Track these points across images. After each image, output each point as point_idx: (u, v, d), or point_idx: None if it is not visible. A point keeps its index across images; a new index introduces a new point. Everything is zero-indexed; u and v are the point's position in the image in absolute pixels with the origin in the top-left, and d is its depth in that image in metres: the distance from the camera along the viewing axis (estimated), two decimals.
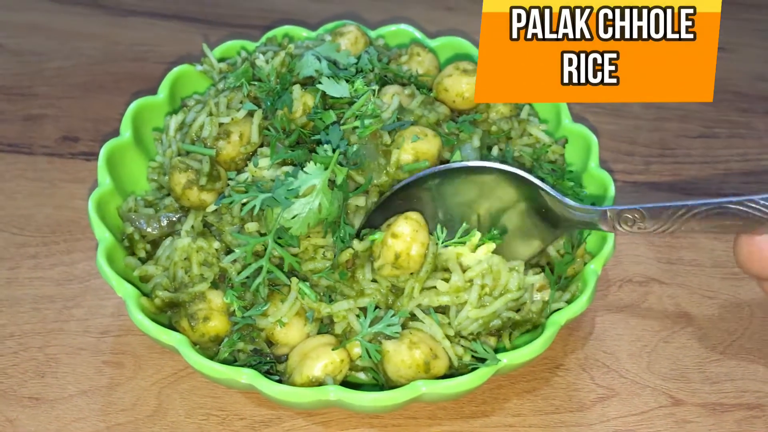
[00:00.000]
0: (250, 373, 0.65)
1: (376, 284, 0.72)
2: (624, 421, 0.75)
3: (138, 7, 1.21)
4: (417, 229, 0.70)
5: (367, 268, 0.72)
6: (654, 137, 1.03)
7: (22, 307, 0.82)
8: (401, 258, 0.69)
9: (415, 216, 0.71)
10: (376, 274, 0.72)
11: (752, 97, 1.09)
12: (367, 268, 0.72)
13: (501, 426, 0.74)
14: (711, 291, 0.86)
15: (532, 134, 0.85)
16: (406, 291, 0.71)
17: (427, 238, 0.70)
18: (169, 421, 0.74)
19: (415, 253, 0.69)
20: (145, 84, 1.03)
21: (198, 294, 0.71)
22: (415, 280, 0.71)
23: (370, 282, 0.72)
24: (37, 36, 1.15)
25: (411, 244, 0.69)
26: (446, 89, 0.84)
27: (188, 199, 0.77)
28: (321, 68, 0.80)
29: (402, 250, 0.69)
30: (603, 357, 0.80)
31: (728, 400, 0.77)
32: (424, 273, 0.71)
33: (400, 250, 0.69)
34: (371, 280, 0.72)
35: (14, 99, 1.05)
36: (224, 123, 0.79)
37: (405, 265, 0.70)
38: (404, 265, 0.70)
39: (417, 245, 0.69)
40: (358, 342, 0.69)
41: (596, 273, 0.73)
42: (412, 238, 0.69)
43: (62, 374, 0.77)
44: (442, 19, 1.20)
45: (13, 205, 0.92)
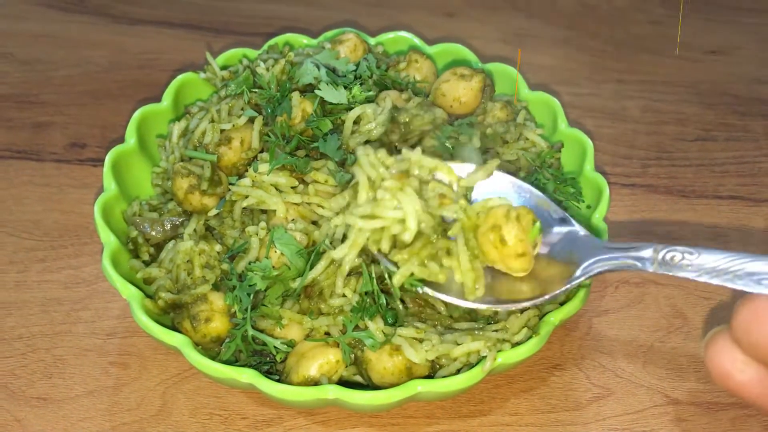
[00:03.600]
0: (250, 373, 0.67)
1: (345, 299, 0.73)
2: (620, 420, 0.76)
3: (145, 16, 1.23)
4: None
5: (339, 281, 0.72)
6: (651, 141, 1.04)
7: (31, 309, 0.84)
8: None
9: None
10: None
11: (749, 101, 1.09)
12: (339, 281, 0.72)
13: (498, 425, 0.76)
14: (707, 292, 0.87)
15: (529, 138, 0.86)
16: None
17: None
18: (174, 420, 0.75)
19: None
20: (151, 91, 1.04)
21: (200, 296, 0.73)
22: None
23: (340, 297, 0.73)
24: (46, 45, 1.17)
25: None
26: (444, 94, 0.86)
27: (190, 204, 0.79)
28: (320, 75, 0.82)
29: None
30: (599, 357, 0.81)
31: (723, 399, 0.78)
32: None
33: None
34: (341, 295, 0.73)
35: (23, 107, 1.07)
36: (226, 129, 0.81)
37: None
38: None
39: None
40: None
41: None
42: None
43: (69, 375, 0.79)
44: (443, 25, 1.22)
45: (22, 210, 0.94)
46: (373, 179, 0.68)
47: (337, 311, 0.72)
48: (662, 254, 0.60)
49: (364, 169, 0.69)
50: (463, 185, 0.71)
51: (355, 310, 0.70)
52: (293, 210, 0.76)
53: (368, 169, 0.68)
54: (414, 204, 0.66)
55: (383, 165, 0.69)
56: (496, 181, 0.73)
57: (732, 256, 0.56)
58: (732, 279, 0.55)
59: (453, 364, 0.70)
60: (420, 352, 0.69)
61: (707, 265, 0.56)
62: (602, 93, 1.11)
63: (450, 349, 0.69)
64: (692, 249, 0.58)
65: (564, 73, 1.14)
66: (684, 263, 0.58)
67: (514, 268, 0.68)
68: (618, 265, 0.64)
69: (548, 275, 0.69)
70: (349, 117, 0.79)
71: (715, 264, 0.56)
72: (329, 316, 0.72)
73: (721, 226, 0.93)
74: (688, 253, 0.58)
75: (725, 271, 0.55)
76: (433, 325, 0.72)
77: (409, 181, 0.68)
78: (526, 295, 0.68)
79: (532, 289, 0.69)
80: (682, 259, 0.58)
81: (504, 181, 0.73)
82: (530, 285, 0.69)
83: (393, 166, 0.69)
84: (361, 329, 0.71)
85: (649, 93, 1.11)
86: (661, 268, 0.60)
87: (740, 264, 0.55)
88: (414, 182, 0.68)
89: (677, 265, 0.58)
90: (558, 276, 0.68)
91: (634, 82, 1.13)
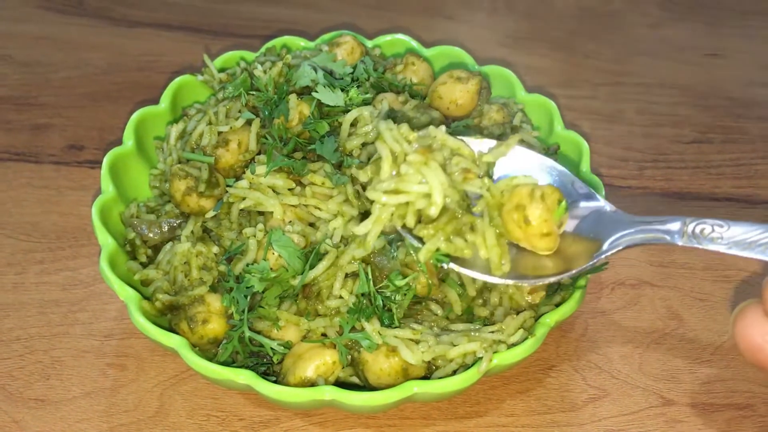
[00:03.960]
0: (247, 374, 0.67)
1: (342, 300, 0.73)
2: (615, 421, 0.76)
3: (144, 19, 1.23)
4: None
5: (338, 282, 0.73)
6: (648, 143, 1.05)
7: (29, 311, 0.84)
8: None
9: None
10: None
11: (745, 103, 1.10)
12: (338, 282, 0.73)
13: (494, 426, 0.76)
14: (702, 293, 0.87)
15: (525, 141, 0.86)
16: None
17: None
18: (171, 421, 0.76)
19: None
20: (149, 93, 1.05)
21: (197, 297, 0.73)
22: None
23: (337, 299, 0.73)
24: (45, 47, 1.17)
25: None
26: (440, 96, 0.86)
27: (188, 206, 0.80)
28: (317, 78, 0.83)
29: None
30: (595, 358, 0.81)
31: (718, 400, 0.78)
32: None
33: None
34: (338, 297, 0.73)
35: (22, 109, 1.07)
36: (223, 131, 0.82)
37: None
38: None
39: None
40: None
41: (586, 277, 0.75)
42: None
43: (67, 376, 0.79)
44: (440, 28, 1.22)
45: (20, 212, 0.94)
46: (397, 154, 0.67)
47: (333, 313, 0.73)
48: (692, 227, 0.58)
49: (387, 143, 0.68)
50: (485, 161, 0.70)
51: (352, 311, 0.71)
52: (290, 212, 0.77)
53: (392, 143, 0.67)
54: (440, 178, 0.66)
55: (406, 140, 0.68)
56: (520, 157, 0.71)
57: (762, 228, 0.54)
58: (764, 251, 0.54)
59: (449, 366, 0.70)
60: (416, 354, 0.69)
61: (737, 237, 0.55)
62: (599, 95, 1.11)
63: (446, 351, 0.70)
64: (722, 221, 0.57)
65: (561, 75, 1.14)
66: (714, 236, 0.57)
67: (539, 247, 0.68)
68: (646, 239, 0.63)
69: (574, 251, 0.68)
70: (346, 119, 0.80)
71: (745, 236, 0.55)
72: (326, 318, 0.73)
73: None
74: (717, 226, 0.57)
75: (756, 243, 0.54)
76: (429, 326, 0.72)
77: (433, 155, 0.67)
78: (552, 271, 0.67)
79: (557, 265, 0.68)
80: (712, 232, 0.57)
81: (528, 157, 0.72)
82: (556, 261, 0.68)
83: (416, 141, 0.68)
84: (357, 330, 0.71)
85: (646, 95, 1.11)
86: (690, 241, 0.58)
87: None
88: (438, 156, 0.67)
89: (707, 238, 0.57)
90: (584, 252, 0.67)
91: (631, 85, 1.13)
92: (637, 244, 0.63)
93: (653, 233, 0.62)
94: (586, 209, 0.69)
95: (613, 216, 0.68)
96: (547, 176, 0.72)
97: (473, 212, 0.68)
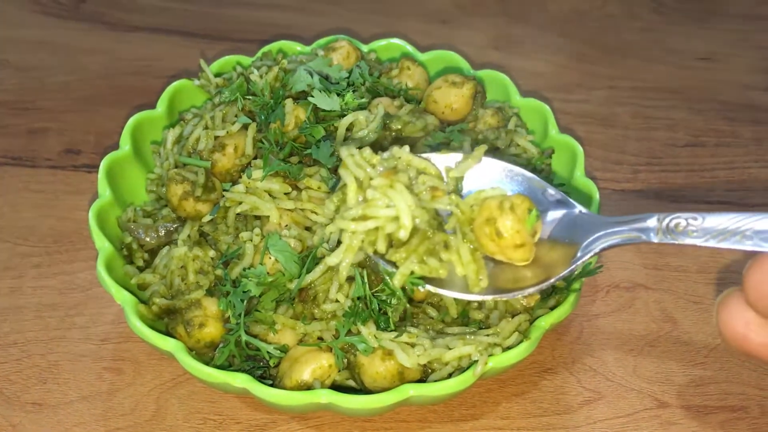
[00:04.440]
0: (243, 377, 0.68)
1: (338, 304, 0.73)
2: (610, 423, 0.77)
3: (141, 23, 1.23)
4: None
5: (334, 286, 0.73)
6: (642, 146, 1.05)
7: (26, 315, 0.85)
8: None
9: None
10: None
11: (738, 106, 1.11)
12: (334, 286, 0.73)
13: (490, 429, 0.76)
14: (696, 296, 0.88)
15: (519, 144, 0.87)
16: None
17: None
18: (167, 425, 0.76)
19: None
20: (146, 98, 1.05)
21: (194, 301, 0.74)
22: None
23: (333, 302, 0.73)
24: (42, 52, 1.18)
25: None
26: (435, 101, 0.87)
27: (184, 210, 0.80)
28: (313, 83, 0.83)
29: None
30: (590, 361, 0.82)
31: (712, 403, 0.79)
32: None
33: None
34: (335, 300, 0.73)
35: (19, 113, 1.08)
36: (219, 136, 0.82)
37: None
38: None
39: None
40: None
41: (581, 280, 0.75)
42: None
43: (64, 380, 0.79)
44: (436, 32, 1.23)
45: (17, 217, 0.94)
46: (361, 179, 0.67)
47: (330, 316, 0.73)
48: (666, 222, 0.58)
49: (350, 169, 0.67)
50: (453, 176, 0.70)
51: (348, 315, 0.71)
52: (286, 216, 0.77)
53: (355, 170, 0.67)
54: (406, 200, 0.65)
55: (369, 164, 0.68)
56: (487, 169, 0.71)
57: (737, 217, 0.54)
58: (740, 240, 0.53)
59: (445, 369, 0.71)
60: (412, 357, 0.70)
61: (713, 228, 0.55)
62: (593, 99, 1.12)
63: (442, 354, 0.70)
64: (696, 214, 0.56)
65: (556, 79, 1.15)
66: (689, 229, 0.56)
67: (515, 259, 0.67)
68: (622, 240, 0.62)
69: (551, 259, 0.67)
70: (342, 124, 0.80)
71: (721, 227, 0.54)
72: (322, 321, 0.73)
73: None
74: (692, 219, 0.56)
75: (733, 233, 0.54)
76: (425, 329, 0.73)
77: (398, 177, 0.66)
78: (531, 281, 0.67)
79: (536, 274, 0.67)
80: (687, 226, 0.56)
81: (495, 167, 0.71)
82: (534, 271, 0.67)
83: (379, 164, 0.68)
84: (353, 334, 0.71)
85: (640, 99, 1.12)
86: (666, 237, 0.58)
87: (747, 224, 0.53)
88: (404, 177, 0.67)
89: (682, 233, 0.57)
90: (561, 258, 0.66)
91: (625, 89, 1.14)
92: (612, 245, 0.63)
93: (628, 233, 0.62)
94: (559, 215, 0.69)
95: (587, 219, 0.67)
96: (516, 185, 0.71)
97: (446, 230, 0.68)
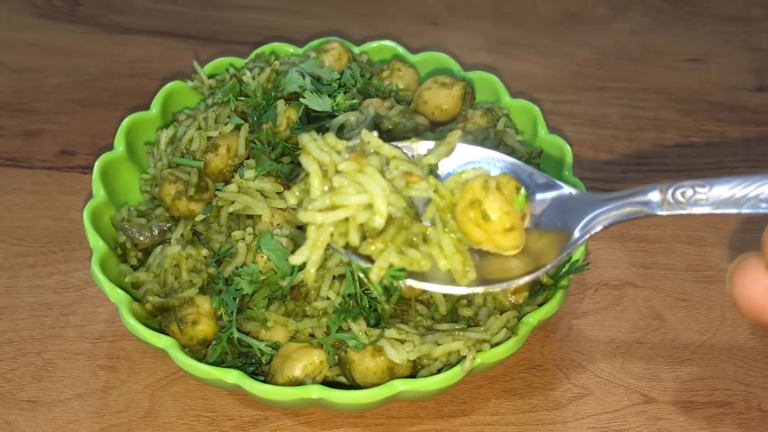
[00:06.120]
0: (235, 374, 0.69)
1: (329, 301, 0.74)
2: (598, 419, 0.78)
3: (135, 25, 1.24)
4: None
5: (325, 284, 0.74)
6: (631, 147, 1.07)
7: (21, 314, 0.85)
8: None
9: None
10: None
11: (727, 107, 1.12)
12: (325, 284, 0.74)
13: (480, 424, 0.77)
14: (684, 294, 0.89)
15: (508, 145, 0.88)
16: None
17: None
18: (161, 422, 0.77)
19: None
20: (141, 99, 1.06)
21: (187, 299, 0.75)
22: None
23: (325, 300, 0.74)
24: (38, 54, 1.18)
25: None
26: (425, 102, 0.88)
27: (178, 209, 0.81)
28: (305, 84, 0.84)
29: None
30: (579, 357, 0.83)
31: (698, 398, 0.80)
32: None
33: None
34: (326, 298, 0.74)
35: (14, 115, 1.08)
36: (212, 137, 0.83)
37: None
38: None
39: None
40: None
41: (568, 277, 0.77)
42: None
43: (59, 378, 0.80)
44: (428, 34, 1.24)
45: (12, 217, 0.95)
46: (326, 165, 0.59)
47: (321, 313, 0.74)
48: (670, 193, 0.53)
49: (313, 155, 0.59)
50: (426, 163, 0.63)
51: (338, 311, 0.72)
52: (278, 215, 0.78)
53: (319, 155, 0.59)
54: (379, 182, 0.58)
55: (335, 150, 0.60)
56: (464, 155, 0.64)
57: (747, 180, 0.50)
58: (755, 204, 0.49)
59: (434, 364, 0.72)
60: (401, 353, 0.70)
61: (723, 195, 0.51)
62: (583, 100, 1.13)
63: (431, 350, 0.71)
64: (702, 181, 0.52)
65: (546, 80, 1.16)
66: (698, 198, 0.52)
67: (505, 246, 0.60)
68: (623, 215, 0.56)
69: (543, 246, 0.61)
70: (333, 125, 0.81)
71: (731, 192, 0.50)
72: (313, 318, 0.74)
73: (698, 229, 0.95)
74: (699, 187, 0.52)
75: (745, 198, 0.50)
76: (414, 326, 0.74)
77: (368, 160, 0.59)
78: (522, 272, 0.60)
79: (527, 264, 0.61)
80: (694, 194, 0.52)
81: (473, 153, 0.65)
82: (524, 261, 0.61)
83: (346, 151, 0.60)
84: (344, 331, 0.72)
85: (629, 100, 1.13)
86: (673, 209, 0.53)
87: (759, 187, 0.50)
88: (374, 160, 0.59)
89: (690, 202, 0.52)
90: (554, 245, 0.60)
91: (615, 90, 1.15)
92: (613, 222, 0.57)
93: (630, 206, 0.56)
94: (548, 199, 0.63)
95: (581, 198, 0.61)
96: (497, 169, 0.64)
97: (423, 221, 0.61)
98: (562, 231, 0.60)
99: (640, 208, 0.55)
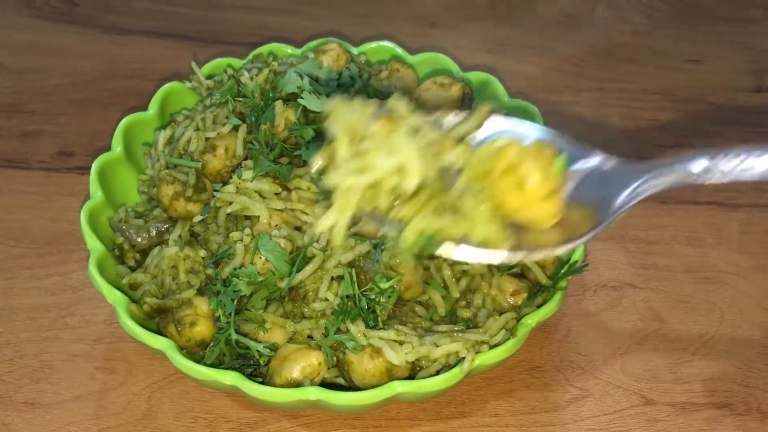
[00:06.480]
0: (233, 375, 0.68)
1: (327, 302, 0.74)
2: (597, 421, 0.78)
3: (134, 26, 1.24)
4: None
5: (323, 285, 0.74)
6: (631, 147, 1.06)
7: (18, 316, 0.85)
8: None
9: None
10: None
11: (725, 108, 1.12)
12: (323, 285, 0.74)
13: (478, 426, 0.77)
14: (683, 295, 0.89)
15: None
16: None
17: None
18: (159, 424, 0.77)
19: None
20: (139, 100, 1.06)
21: (185, 300, 0.74)
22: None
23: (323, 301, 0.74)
24: (36, 54, 1.18)
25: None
26: (424, 102, 0.88)
27: (175, 210, 0.81)
28: (303, 85, 0.84)
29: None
30: (578, 359, 0.83)
31: (698, 400, 0.79)
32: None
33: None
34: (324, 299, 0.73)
35: (12, 115, 1.08)
36: (210, 137, 0.83)
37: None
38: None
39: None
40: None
41: (567, 278, 0.76)
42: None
43: (56, 380, 0.80)
44: (427, 35, 1.24)
45: (10, 218, 0.95)
46: (353, 128, 0.56)
47: (319, 315, 0.74)
48: (717, 160, 0.52)
49: (341, 118, 0.56)
50: (454, 136, 0.60)
51: (337, 313, 0.72)
52: (276, 216, 0.78)
53: (348, 117, 0.56)
54: (412, 144, 0.55)
55: (363, 112, 0.57)
56: (494, 125, 0.61)
57: None
58: None
59: (433, 366, 0.72)
60: (400, 354, 0.70)
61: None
62: (582, 101, 1.13)
63: (430, 351, 0.71)
64: (750, 148, 0.51)
65: (545, 81, 1.16)
66: (743, 167, 0.51)
67: (542, 215, 0.57)
68: (670, 182, 0.55)
69: (580, 217, 0.58)
70: None
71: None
72: (312, 320, 0.74)
73: (697, 230, 0.95)
74: (745, 154, 0.51)
75: None
76: (413, 327, 0.74)
77: (399, 123, 0.56)
78: (559, 243, 0.57)
79: (562, 238, 0.58)
80: (741, 162, 0.51)
81: (503, 122, 0.62)
82: (560, 234, 0.58)
83: (375, 113, 0.57)
84: (342, 332, 0.72)
85: (628, 101, 1.13)
86: (721, 177, 0.52)
87: None
88: (404, 125, 0.57)
89: (737, 170, 0.51)
90: (591, 218, 0.57)
91: (614, 90, 1.15)
92: (662, 189, 0.55)
93: (677, 173, 0.54)
94: (585, 168, 0.59)
95: (623, 167, 0.58)
96: (532, 138, 0.61)
97: (455, 192, 0.58)
98: (600, 202, 0.58)
99: (687, 174, 0.54)
